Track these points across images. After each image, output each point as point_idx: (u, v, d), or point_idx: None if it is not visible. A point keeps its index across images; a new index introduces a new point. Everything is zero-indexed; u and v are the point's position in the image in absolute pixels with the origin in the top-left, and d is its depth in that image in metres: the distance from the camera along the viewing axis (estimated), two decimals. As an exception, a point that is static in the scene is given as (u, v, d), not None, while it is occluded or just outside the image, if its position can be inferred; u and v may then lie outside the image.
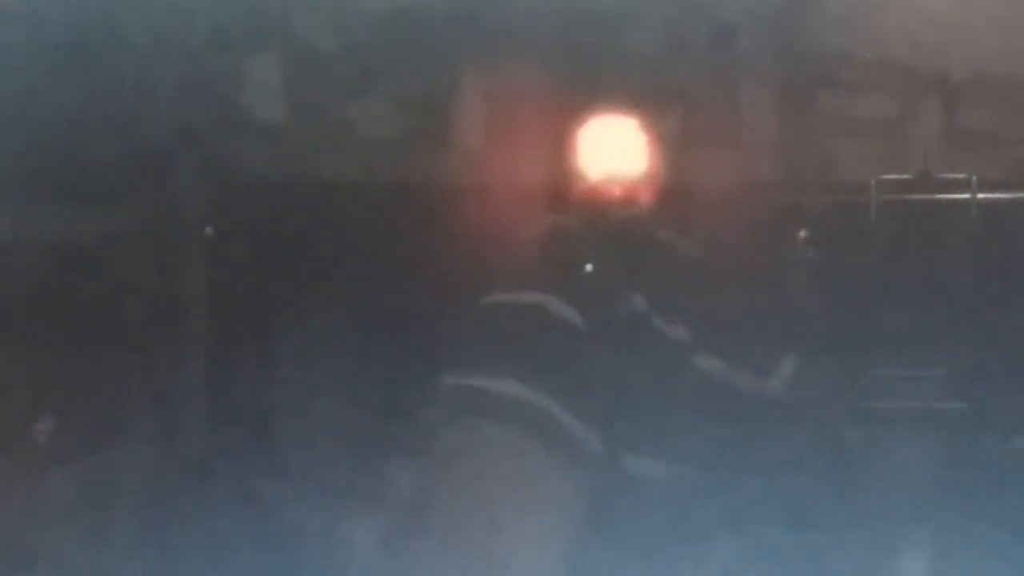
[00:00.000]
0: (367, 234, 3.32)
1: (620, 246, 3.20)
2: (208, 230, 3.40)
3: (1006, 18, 3.17)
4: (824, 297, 3.21)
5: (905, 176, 3.24)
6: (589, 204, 3.22)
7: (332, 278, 3.33)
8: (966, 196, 3.21)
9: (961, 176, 3.21)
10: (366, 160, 3.37)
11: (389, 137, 3.36)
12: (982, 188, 3.20)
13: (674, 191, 3.19)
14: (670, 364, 3.14)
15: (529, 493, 3.10)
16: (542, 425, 3.10)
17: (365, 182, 3.36)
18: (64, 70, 3.23)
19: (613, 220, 3.21)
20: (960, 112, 3.26)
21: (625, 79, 3.22)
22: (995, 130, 3.25)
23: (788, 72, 3.24)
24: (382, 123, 3.36)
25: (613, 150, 3.23)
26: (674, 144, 3.23)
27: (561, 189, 3.23)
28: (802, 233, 3.22)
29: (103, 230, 3.35)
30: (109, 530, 3.29)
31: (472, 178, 3.25)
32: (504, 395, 3.11)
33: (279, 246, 3.36)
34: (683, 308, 3.15)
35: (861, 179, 3.23)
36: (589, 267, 3.20)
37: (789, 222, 3.23)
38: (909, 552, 3.16)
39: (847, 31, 3.22)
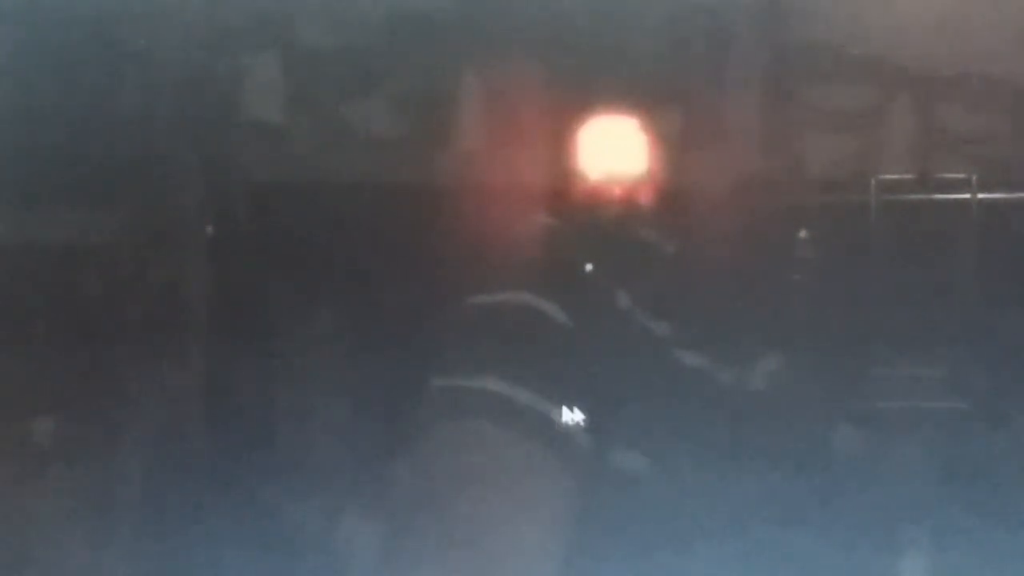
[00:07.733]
0: (367, 234, 3.32)
1: (614, 247, 3.21)
2: (208, 230, 3.40)
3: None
4: (822, 296, 3.20)
5: (905, 176, 3.24)
6: (581, 204, 3.23)
7: (332, 278, 3.33)
8: (966, 196, 3.20)
9: (961, 176, 3.20)
10: (366, 160, 3.37)
11: (389, 137, 3.37)
12: (982, 188, 3.20)
13: (668, 191, 3.20)
14: (665, 366, 3.15)
15: (521, 493, 3.11)
16: (534, 425, 3.11)
17: (365, 182, 3.36)
18: (63, 69, 3.24)
19: (605, 220, 3.21)
20: (962, 111, 3.26)
21: (618, 80, 3.22)
22: (997, 128, 3.25)
23: (783, 69, 3.24)
24: (382, 123, 3.37)
25: (604, 150, 3.23)
26: (669, 144, 3.23)
27: (554, 189, 3.23)
28: (801, 233, 3.22)
29: (103, 230, 3.36)
30: (109, 530, 3.30)
31: (468, 178, 3.25)
32: (494, 394, 3.12)
33: (279, 246, 3.36)
34: (677, 309, 3.16)
35: (860, 178, 3.23)
36: (589, 268, 3.21)
37: (786, 222, 3.22)
38: (907, 552, 3.16)
39: (844, 28, 3.22)
